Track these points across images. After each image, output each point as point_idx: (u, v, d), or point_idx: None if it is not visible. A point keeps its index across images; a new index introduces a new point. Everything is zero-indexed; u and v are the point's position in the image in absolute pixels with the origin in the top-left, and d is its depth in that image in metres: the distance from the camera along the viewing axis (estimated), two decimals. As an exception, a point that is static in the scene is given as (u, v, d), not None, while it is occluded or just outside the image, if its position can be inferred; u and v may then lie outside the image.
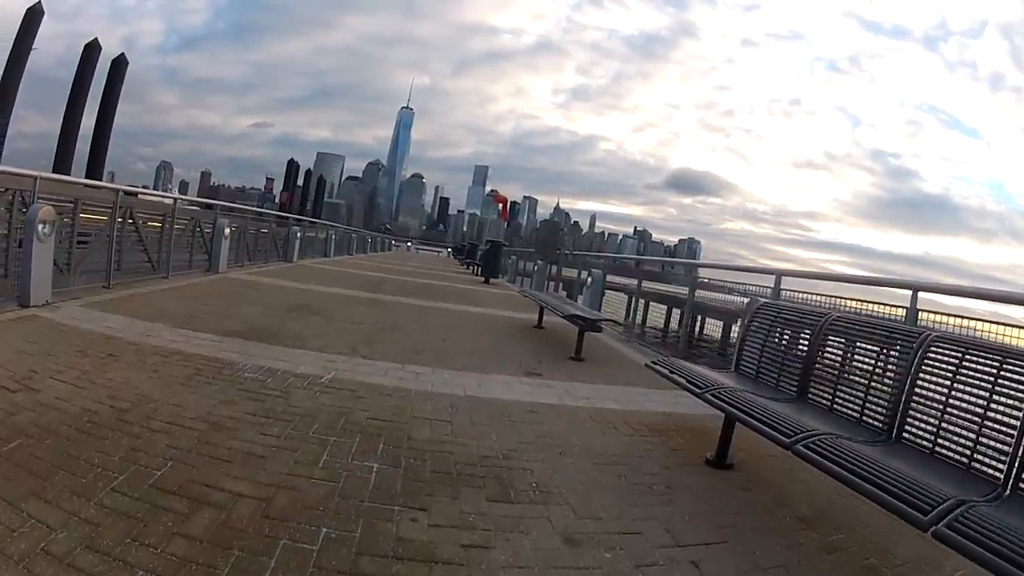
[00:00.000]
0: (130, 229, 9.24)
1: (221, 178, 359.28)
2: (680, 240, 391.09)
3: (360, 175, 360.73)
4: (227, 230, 11.44)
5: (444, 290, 14.57)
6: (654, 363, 4.68)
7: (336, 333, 6.86)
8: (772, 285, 6.70)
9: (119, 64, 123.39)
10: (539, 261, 17.57)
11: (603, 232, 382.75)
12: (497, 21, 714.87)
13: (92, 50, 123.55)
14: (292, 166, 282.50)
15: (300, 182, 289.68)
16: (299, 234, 17.21)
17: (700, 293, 8.90)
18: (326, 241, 22.53)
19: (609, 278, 12.36)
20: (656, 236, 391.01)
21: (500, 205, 48.36)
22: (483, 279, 19.68)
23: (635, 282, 11.76)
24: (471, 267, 28.50)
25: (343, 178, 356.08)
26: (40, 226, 6.11)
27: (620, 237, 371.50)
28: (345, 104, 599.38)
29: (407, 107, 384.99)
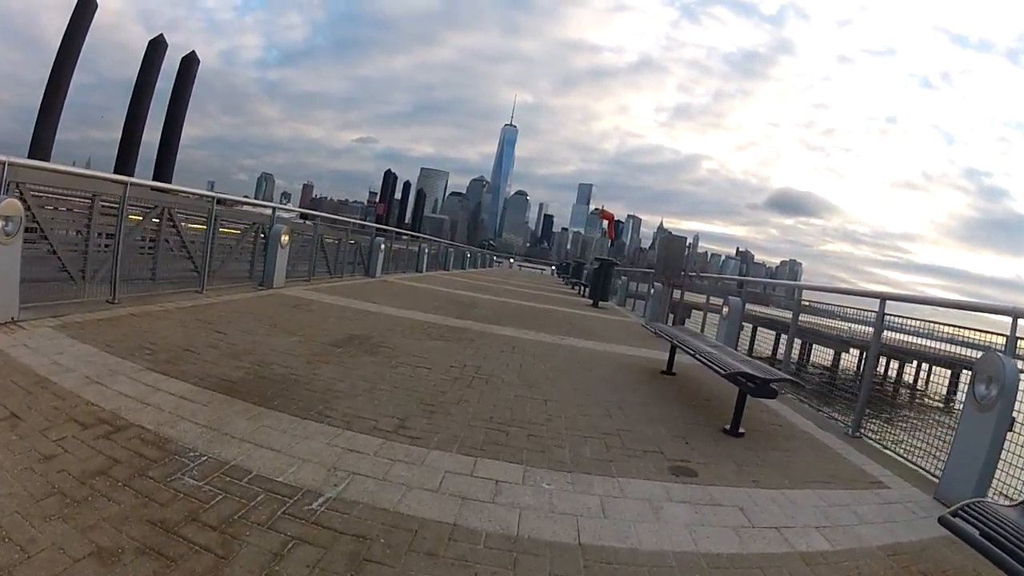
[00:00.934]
0: (169, 232, 7.46)
1: (323, 191, 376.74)
2: (782, 262, 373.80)
3: (464, 191, 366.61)
4: (284, 237, 9.48)
5: (547, 316, 12.14)
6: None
7: (385, 388, 4.59)
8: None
9: (189, 63, 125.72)
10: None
11: (706, 252, 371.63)
12: (598, 39, 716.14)
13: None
14: (389, 177, 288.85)
15: (400, 195, 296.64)
16: (383, 245, 15.26)
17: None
18: (417, 254, 20.71)
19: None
20: (758, 257, 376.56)
21: (606, 222, 45.45)
22: (591, 302, 17.13)
23: (776, 312, 8.93)
24: (576, 287, 26.02)
25: (447, 194, 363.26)
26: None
27: (723, 258, 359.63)
28: (449, 120, 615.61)
29: (510, 124, 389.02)
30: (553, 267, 63.44)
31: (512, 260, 66.89)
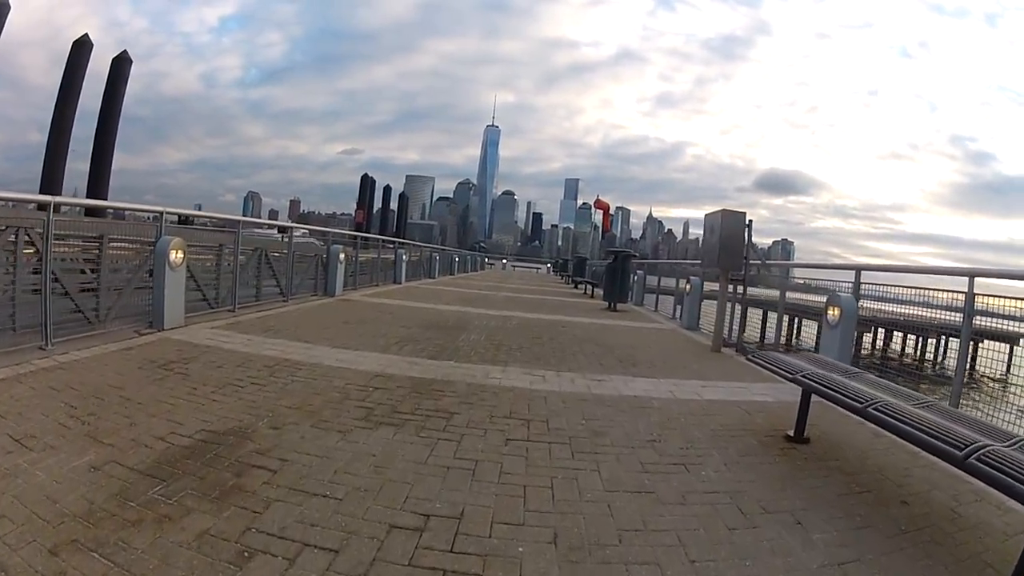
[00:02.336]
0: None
1: (312, 205, 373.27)
2: (774, 242, 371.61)
3: (451, 195, 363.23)
4: (175, 255, 6.43)
5: (562, 333, 9.03)
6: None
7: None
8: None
9: (121, 63, 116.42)
10: (693, 278, 11.79)
11: (697, 239, 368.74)
12: (576, 34, 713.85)
13: (121, 64, 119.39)
14: (367, 182, 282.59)
15: (381, 202, 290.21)
16: (341, 255, 12.11)
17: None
18: (395, 263, 17.59)
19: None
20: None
21: (600, 212, 42.39)
22: (605, 304, 14.04)
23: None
24: (579, 285, 22.93)
25: (434, 199, 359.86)
26: None
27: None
28: (433, 126, 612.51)
29: (493, 124, 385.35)
30: (548, 265, 60.34)
31: (505, 261, 63.63)
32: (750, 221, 8.09)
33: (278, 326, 7.42)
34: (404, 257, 18.02)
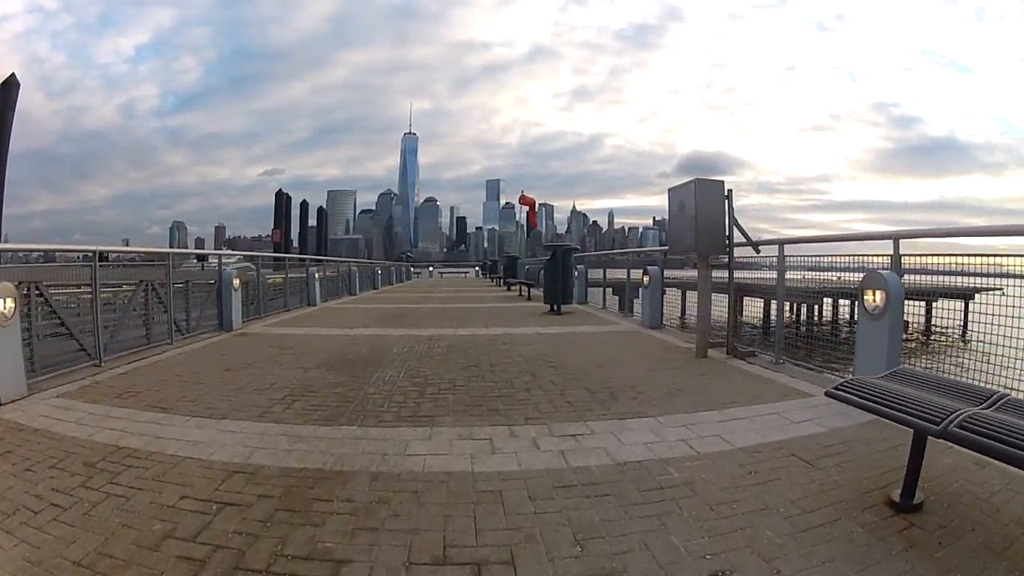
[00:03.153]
0: None
1: (237, 230, 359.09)
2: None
3: (374, 207, 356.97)
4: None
5: (504, 349, 7.24)
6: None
7: None
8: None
9: (8, 87, 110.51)
10: (650, 269, 10.23)
11: (623, 227, 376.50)
12: (488, 35, 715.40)
13: (9, 88, 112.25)
14: (282, 200, 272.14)
15: (300, 221, 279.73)
16: (235, 283, 10.01)
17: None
18: (306, 283, 15.40)
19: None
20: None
21: (527, 208, 40.76)
22: (548, 307, 12.29)
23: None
24: (512, 287, 21.23)
25: (357, 213, 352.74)
26: None
27: (641, 230, 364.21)
28: (351, 139, 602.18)
29: (410, 132, 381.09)
30: (476, 268, 58.62)
31: (432, 268, 61.42)
32: (730, 191, 6.47)
33: (139, 385, 5.29)
34: (317, 275, 15.80)
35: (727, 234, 6.46)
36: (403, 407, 4.48)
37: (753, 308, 15.47)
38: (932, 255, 4.85)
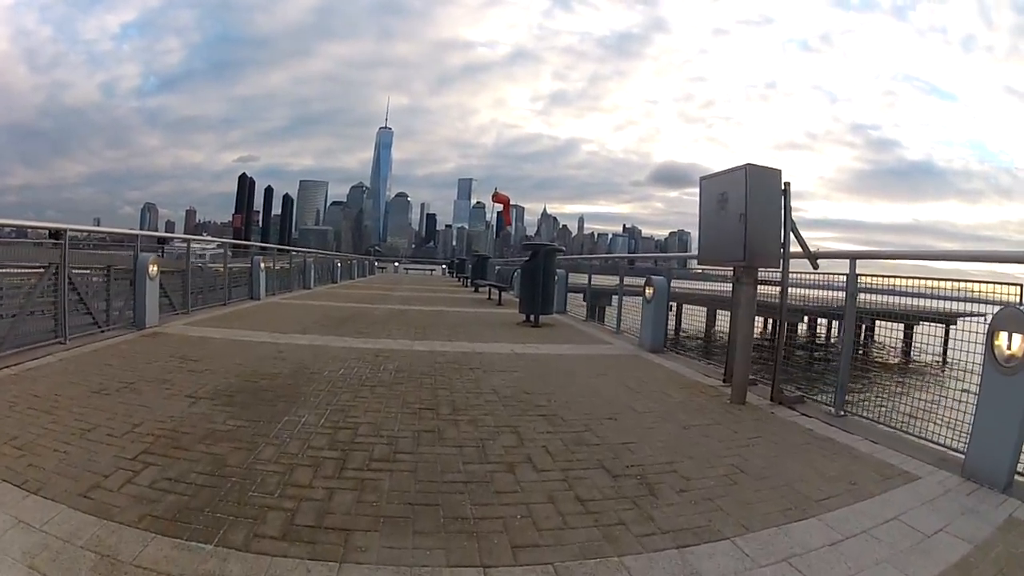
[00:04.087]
0: None
1: (208, 215, 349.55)
2: (671, 233, 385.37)
3: (345, 199, 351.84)
4: None
5: (471, 378, 5.55)
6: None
7: None
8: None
9: None
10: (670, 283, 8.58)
11: (592, 233, 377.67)
12: (472, 35, 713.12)
13: None
14: (245, 183, 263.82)
15: (263, 208, 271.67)
16: (152, 269, 8.18)
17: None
18: (251, 274, 13.43)
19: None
20: (646, 232, 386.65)
21: (500, 206, 38.79)
22: (523, 317, 10.54)
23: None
24: (480, 289, 19.50)
25: (328, 204, 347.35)
26: None
27: (610, 236, 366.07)
28: (327, 131, 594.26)
29: (385, 127, 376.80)
30: (443, 266, 56.46)
31: (397, 264, 59.16)
32: (787, 184, 4.80)
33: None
34: (263, 266, 13.81)
35: (782, 242, 4.78)
36: (304, 503, 2.68)
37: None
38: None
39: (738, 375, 4.97)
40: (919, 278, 4.30)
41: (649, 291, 8.35)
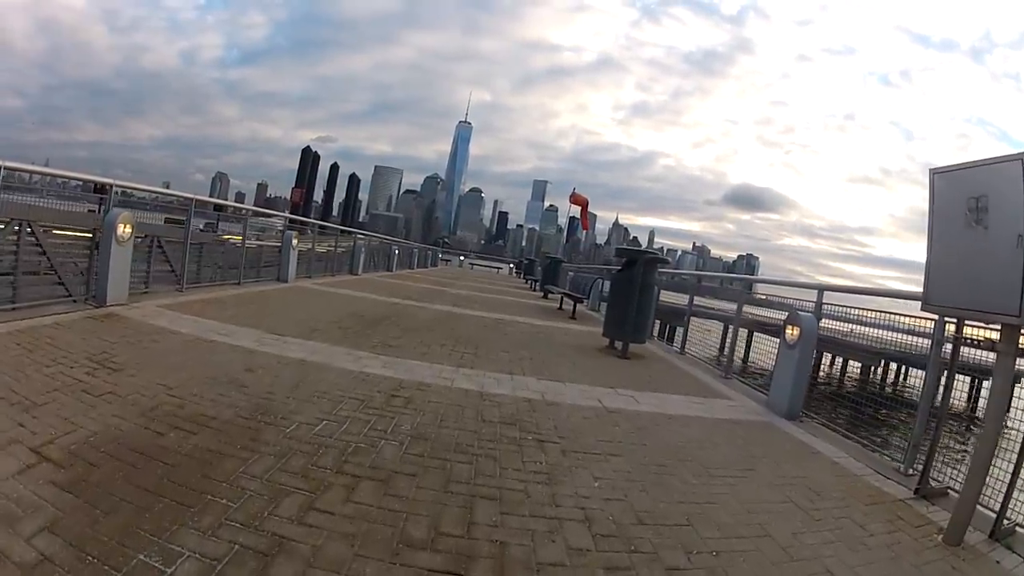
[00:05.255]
0: None
1: (279, 190, 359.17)
2: (739, 256, 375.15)
3: (418, 189, 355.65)
4: None
5: (546, 464, 3.02)
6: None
7: None
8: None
9: None
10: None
11: (663, 248, 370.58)
12: (558, 38, 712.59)
13: None
14: (308, 156, 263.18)
15: (326, 186, 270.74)
16: (122, 228, 6.21)
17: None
18: (282, 255, 11.36)
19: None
20: (715, 252, 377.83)
21: (579, 208, 36.50)
22: (607, 341, 8.01)
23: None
24: (549, 295, 17.06)
25: (400, 191, 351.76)
26: None
27: (679, 252, 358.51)
28: (406, 119, 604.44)
29: (465, 121, 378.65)
30: (511, 265, 53.81)
31: (462, 257, 57.10)
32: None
33: None
34: (294, 243, 11.69)
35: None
36: None
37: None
38: None
39: (963, 506, 2.46)
40: None
41: (792, 332, 5.70)
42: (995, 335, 3.09)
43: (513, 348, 7.01)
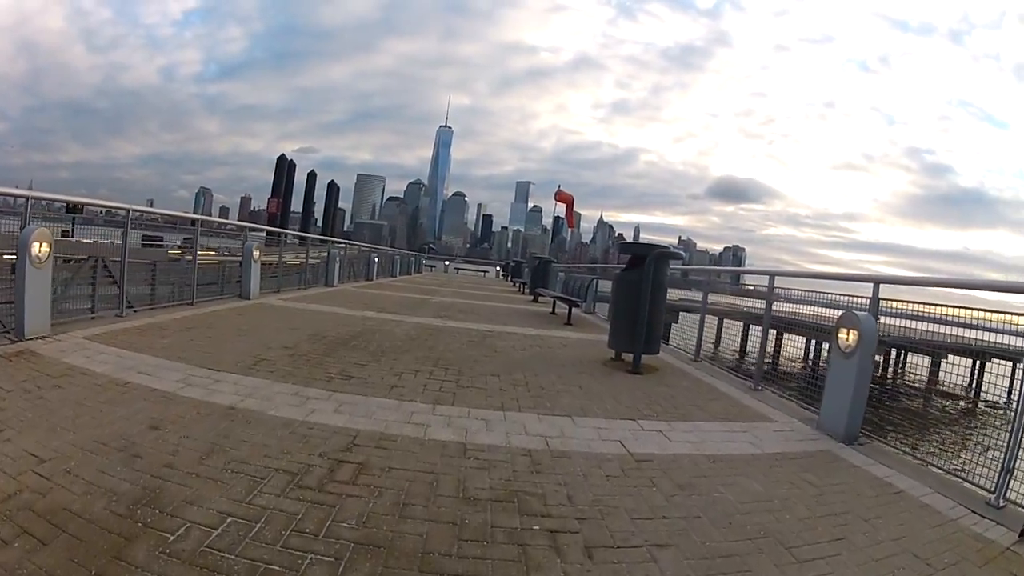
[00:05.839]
0: None
1: (262, 202, 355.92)
2: (725, 248, 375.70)
3: (402, 195, 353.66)
4: None
5: None
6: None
7: None
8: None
9: None
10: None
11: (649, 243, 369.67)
12: (536, 40, 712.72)
13: None
14: (284, 165, 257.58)
15: (304, 194, 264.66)
16: (37, 252, 5.00)
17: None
18: (243, 269, 10.12)
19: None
20: (701, 245, 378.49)
21: (564, 206, 35.03)
22: (614, 353, 6.88)
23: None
24: (539, 298, 15.93)
25: (384, 199, 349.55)
26: None
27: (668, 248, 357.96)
28: (387, 126, 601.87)
29: (445, 125, 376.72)
30: (497, 268, 52.77)
31: (447, 263, 55.75)
32: None
33: None
34: (255, 255, 10.42)
35: None
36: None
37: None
38: None
39: None
40: None
41: (850, 336, 4.61)
42: None
43: (505, 370, 5.83)
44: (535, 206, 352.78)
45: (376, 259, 21.11)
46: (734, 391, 6.00)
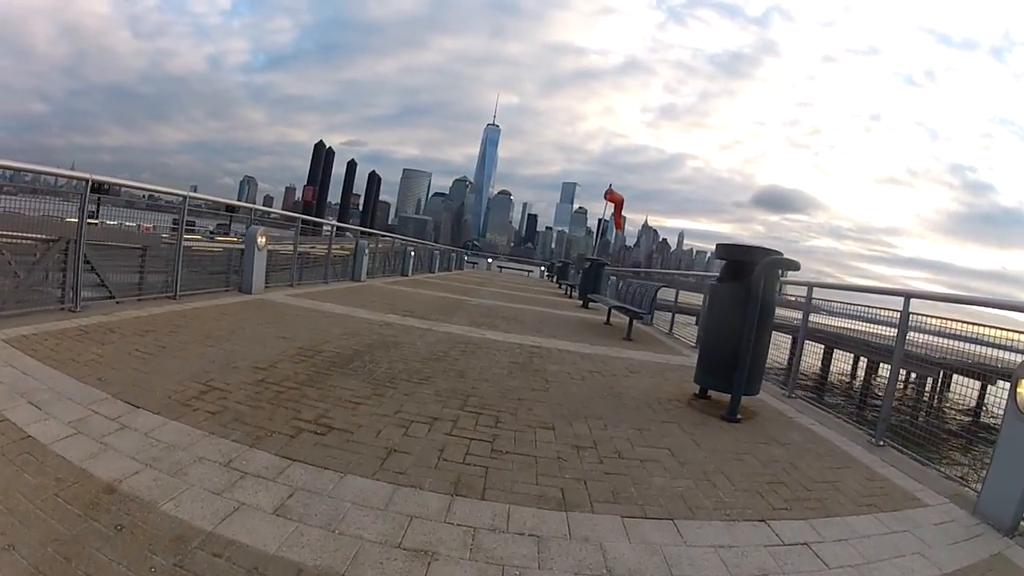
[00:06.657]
0: None
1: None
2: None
3: (447, 191, 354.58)
4: None
5: None
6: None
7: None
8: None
9: None
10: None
11: (691, 249, 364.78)
12: (584, 41, 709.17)
13: None
14: (321, 152, 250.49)
15: (343, 185, 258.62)
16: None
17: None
18: (244, 261, 8.69)
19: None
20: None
21: (613, 206, 33.32)
22: (699, 390, 5.16)
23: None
24: (590, 304, 14.27)
25: (430, 194, 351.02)
26: None
27: (708, 255, 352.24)
28: (434, 122, 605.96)
29: (493, 124, 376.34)
30: (542, 268, 50.74)
31: (490, 260, 54.05)
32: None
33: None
34: (259, 242, 8.97)
35: None
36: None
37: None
38: None
39: None
40: None
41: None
42: None
43: (561, 416, 4.13)
44: (580, 208, 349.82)
45: (412, 253, 19.63)
46: (856, 449, 4.28)
